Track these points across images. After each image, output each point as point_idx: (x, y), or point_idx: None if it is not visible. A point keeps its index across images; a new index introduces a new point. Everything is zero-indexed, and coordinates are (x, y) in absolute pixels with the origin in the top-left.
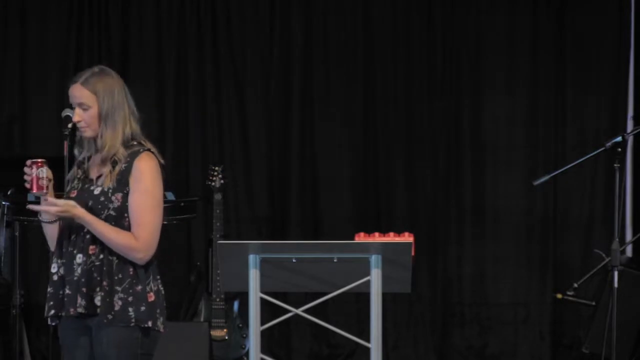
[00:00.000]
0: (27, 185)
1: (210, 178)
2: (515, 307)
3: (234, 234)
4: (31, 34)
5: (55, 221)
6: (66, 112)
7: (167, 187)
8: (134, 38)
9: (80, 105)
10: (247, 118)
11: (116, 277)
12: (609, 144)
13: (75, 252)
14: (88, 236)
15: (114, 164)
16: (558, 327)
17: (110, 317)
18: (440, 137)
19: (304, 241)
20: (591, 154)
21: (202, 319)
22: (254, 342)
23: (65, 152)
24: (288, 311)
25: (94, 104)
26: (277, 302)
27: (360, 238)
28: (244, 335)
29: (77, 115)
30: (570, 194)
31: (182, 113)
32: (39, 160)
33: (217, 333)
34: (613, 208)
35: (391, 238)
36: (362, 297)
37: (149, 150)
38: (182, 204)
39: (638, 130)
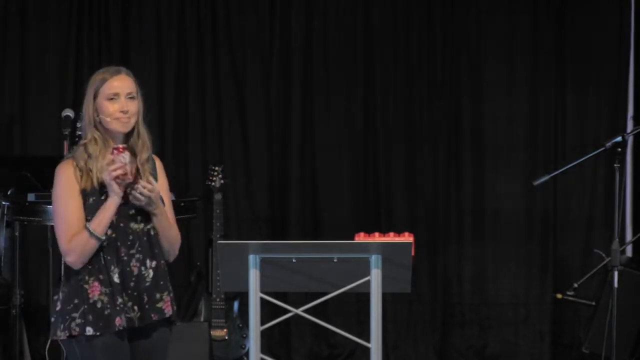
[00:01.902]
0: (115, 173)
1: (210, 178)
2: (515, 307)
3: (234, 234)
4: (31, 34)
5: (106, 239)
6: (66, 112)
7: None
8: (134, 38)
9: (128, 94)
10: (247, 118)
11: (169, 277)
12: (609, 144)
13: (142, 257)
14: (150, 240)
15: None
16: (558, 327)
17: (175, 317)
18: (440, 137)
19: (304, 241)
20: (591, 154)
21: (202, 319)
22: (254, 342)
23: (65, 152)
24: (288, 311)
25: (137, 97)
26: (277, 302)
27: (360, 238)
28: (244, 335)
29: (125, 105)
30: (570, 194)
31: (182, 113)
32: (121, 145)
33: (217, 333)
34: (613, 208)
35: (391, 238)
36: (362, 297)
37: None
38: (182, 204)
39: (638, 130)
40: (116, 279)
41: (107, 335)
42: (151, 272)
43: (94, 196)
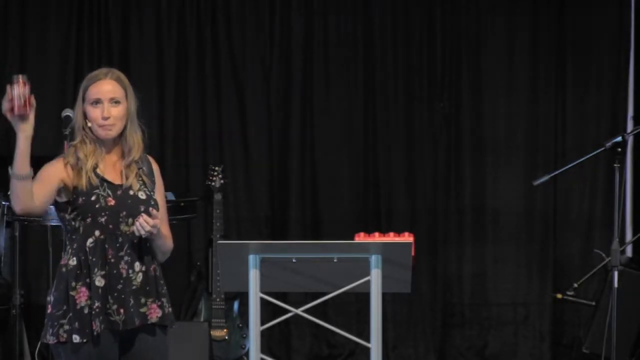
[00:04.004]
0: (18, 103)
1: (210, 178)
2: (515, 307)
3: (234, 234)
4: (31, 34)
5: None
6: (66, 112)
7: (167, 187)
8: (134, 38)
9: (112, 100)
10: (247, 118)
11: (161, 282)
12: (609, 144)
13: (130, 260)
14: (140, 243)
15: (136, 165)
16: (558, 327)
17: (169, 321)
18: (440, 137)
19: (304, 241)
20: (591, 154)
21: (202, 319)
22: (254, 342)
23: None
24: (288, 311)
25: (124, 101)
26: (277, 302)
27: (360, 238)
28: (244, 335)
29: (107, 111)
30: (570, 194)
31: (182, 113)
32: (22, 77)
33: (217, 333)
34: (613, 208)
35: (391, 238)
36: (362, 297)
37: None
38: (182, 204)
39: (638, 130)
40: (98, 282)
41: (95, 342)
42: (140, 276)
43: (83, 196)
